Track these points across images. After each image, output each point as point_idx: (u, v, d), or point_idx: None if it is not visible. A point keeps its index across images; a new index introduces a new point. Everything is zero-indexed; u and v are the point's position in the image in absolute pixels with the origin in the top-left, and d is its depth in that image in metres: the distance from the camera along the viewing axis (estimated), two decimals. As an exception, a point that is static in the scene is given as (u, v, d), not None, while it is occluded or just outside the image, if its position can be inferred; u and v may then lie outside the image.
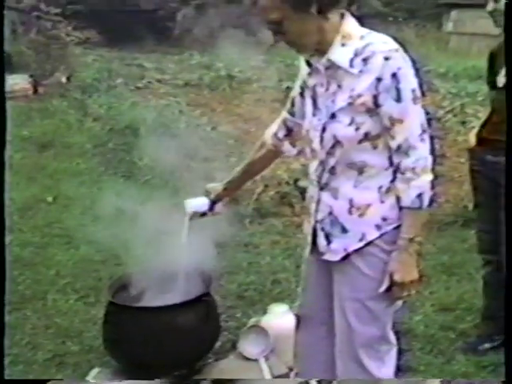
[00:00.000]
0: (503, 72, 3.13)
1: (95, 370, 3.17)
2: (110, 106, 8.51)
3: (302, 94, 2.47)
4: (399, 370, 2.53)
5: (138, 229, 3.83)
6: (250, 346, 3.30)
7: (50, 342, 3.67)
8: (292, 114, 2.56)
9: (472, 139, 3.37)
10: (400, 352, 2.53)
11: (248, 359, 3.26)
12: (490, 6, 3.10)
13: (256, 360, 3.25)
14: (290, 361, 3.09)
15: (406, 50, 2.26)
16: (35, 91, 9.22)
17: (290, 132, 2.59)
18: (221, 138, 6.93)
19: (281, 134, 2.62)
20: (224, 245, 4.84)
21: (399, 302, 2.41)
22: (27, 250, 4.85)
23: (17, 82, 8.85)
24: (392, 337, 2.45)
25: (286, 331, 3.23)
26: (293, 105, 2.54)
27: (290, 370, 3.18)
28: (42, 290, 4.23)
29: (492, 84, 3.29)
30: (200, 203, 2.81)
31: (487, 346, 3.48)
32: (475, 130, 3.40)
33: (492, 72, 3.27)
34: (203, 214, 2.82)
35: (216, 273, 4.07)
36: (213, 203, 2.80)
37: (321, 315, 2.56)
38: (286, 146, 2.61)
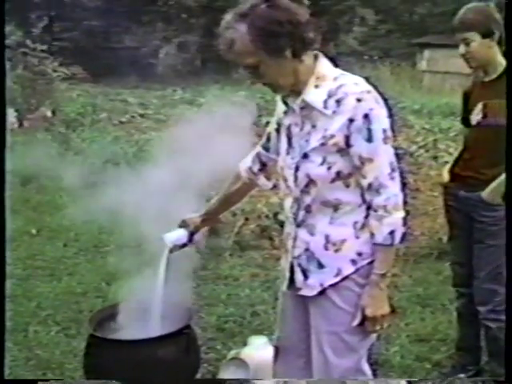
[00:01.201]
0: (476, 111, 3.16)
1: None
2: (92, 139, 8.51)
3: (278, 130, 2.48)
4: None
5: (119, 261, 3.80)
6: (231, 376, 3.25)
7: (30, 373, 3.60)
8: (266, 148, 2.57)
9: (445, 175, 3.39)
10: (375, 383, 2.53)
11: (228, 391, 3.22)
12: (462, 49, 3.13)
13: (237, 391, 3.21)
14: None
15: (378, 91, 2.28)
16: (20, 125, 9.21)
17: (264, 166, 2.60)
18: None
19: (255, 168, 2.62)
20: (204, 277, 4.83)
21: (373, 336, 2.41)
22: (9, 282, 4.78)
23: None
24: (367, 368, 2.45)
25: (265, 363, 3.20)
26: (268, 140, 2.55)
27: (270, 402, 3.15)
28: (23, 322, 4.17)
29: (465, 122, 3.32)
30: (179, 235, 2.80)
31: (461, 376, 3.47)
32: (448, 166, 3.42)
33: (466, 110, 3.30)
34: (183, 246, 2.80)
35: (196, 305, 4.07)
36: (191, 234, 2.79)
37: (298, 347, 2.55)
38: (261, 179, 2.62)
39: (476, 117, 3.18)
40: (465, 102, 3.33)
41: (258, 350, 3.39)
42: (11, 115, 9.02)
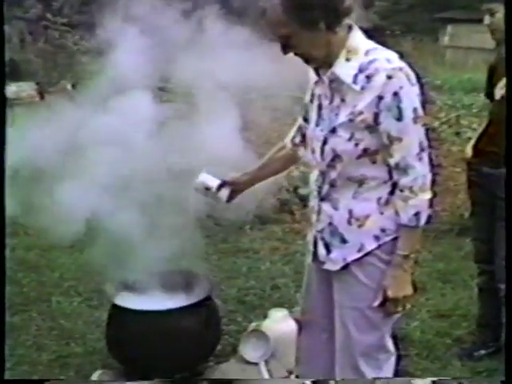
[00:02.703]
0: (501, 84, 3.12)
1: (98, 372, 3.14)
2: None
3: (311, 102, 2.43)
4: (396, 375, 2.51)
5: (141, 232, 3.80)
6: (250, 350, 3.28)
7: (54, 343, 3.65)
8: (305, 120, 2.50)
9: (469, 151, 3.36)
10: (397, 357, 2.52)
11: (248, 363, 3.24)
12: (487, 20, 3.09)
13: (256, 363, 3.23)
14: (290, 364, 3.08)
15: (412, 68, 2.21)
16: (41, 98, 9.22)
17: (304, 138, 2.52)
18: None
19: (297, 140, 2.57)
20: (225, 250, 4.84)
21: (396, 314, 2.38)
22: (32, 253, 4.84)
23: (24, 89, 8.86)
24: (391, 345, 2.41)
25: (285, 336, 3.22)
26: (306, 111, 2.50)
27: (290, 373, 3.16)
28: (46, 293, 4.22)
29: (490, 96, 3.28)
30: (212, 179, 2.73)
31: (482, 352, 3.47)
32: (472, 142, 3.39)
33: (490, 84, 3.26)
34: (207, 189, 2.73)
35: (217, 278, 4.09)
36: (222, 184, 2.72)
37: (322, 322, 2.54)
38: (303, 151, 2.57)
39: (500, 91, 3.14)
40: (490, 76, 3.28)
41: (279, 323, 3.40)
42: (31, 88, 9.03)
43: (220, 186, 2.71)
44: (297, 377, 2.72)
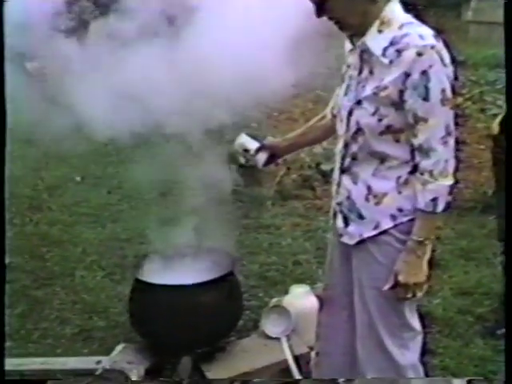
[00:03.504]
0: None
1: (120, 346, 3.15)
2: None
3: (345, 71, 2.36)
4: (423, 355, 2.47)
5: (164, 208, 3.82)
6: (272, 325, 3.27)
7: (77, 317, 3.68)
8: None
9: (495, 127, 3.30)
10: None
11: (270, 338, 3.23)
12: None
13: (277, 339, 3.22)
14: (311, 340, 3.06)
15: (447, 46, 2.14)
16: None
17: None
18: (244, 122, 6.89)
19: (335, 111, 2.51)
20: (246, 226, 4.83)
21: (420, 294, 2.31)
22: (55, 228, 4.86)
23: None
24: (416, 323, 2.36)
25: (307, 311, 3.21)
26: (343, 81, 2.42)
27: (311, 349, 3.15)
28: (69, 267, 4.25)
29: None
30: (251, 141, 2.70)
31: (505, 330, 3.43)
32: (499, 118, 3.33)
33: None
34: (246, 152, 2.70)
35: (238, 253, 4.09)
36: (261, 147, 2.69)
37: (343, 299, 2.50)
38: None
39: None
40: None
41: (300, 299, 3.38)
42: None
43: (258, 150, 2.68)
44: (317, 354, 2.71)
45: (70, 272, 4.18)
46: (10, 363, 3.15)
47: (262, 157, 2.68)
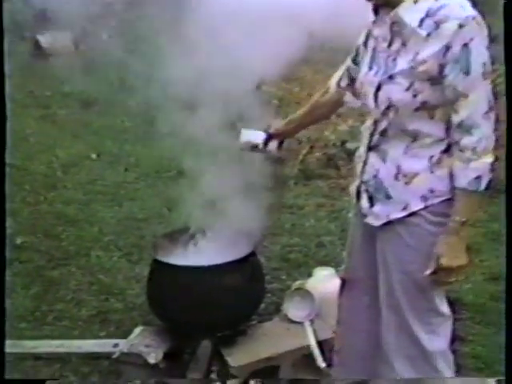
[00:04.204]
0: None
1: (139, 328, 3.14)
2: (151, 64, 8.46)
3: (365, 44, 2.32)
4: (453, 341, 2.43)
5: (182, 186, 3.78)
6: (295, 309, 3.25)
7: (93, 298, 3.69)
8: (355, 62, 2.41)
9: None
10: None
11: (293, 322, 3.22)
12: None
13: (301, 323, 3.20)
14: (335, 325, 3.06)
15: (483, 17, 2.08)
16: (76, 48, 9.20)
17: (352, 81, 2.42)
18: (264, 98, 6.85)
19: (343, 83, 2.49)
20: (269, 206, 4.80)
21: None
22: (71, 207, 4.87)
23: (58, 39, 8.87)
24: (445, 308, 2.31)
25: (331, 295, 3.16)
26: (357, 53, 2.39)
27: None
28: (85, 247, 4.26)
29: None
30: (256, 134, 2.72)
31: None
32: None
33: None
34: (255, 147, 2.73)
35: (260, 234, 4.06)
36: (268, 138, 2.70)
37: (365, 283, 2.46)
38: (349, 96, 2.49)
39: None
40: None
41: (324, 282, 3.37)
42: (66, 38, 8.99)
43: (266, 141, 2.67)
44: (338, 340, 2.69)
45: (86, 252, 4.19)
46: (25, 345, 3.18)
47: (273, 146, 2.70)
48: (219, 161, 3.11)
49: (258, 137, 2.71)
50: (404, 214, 2.21)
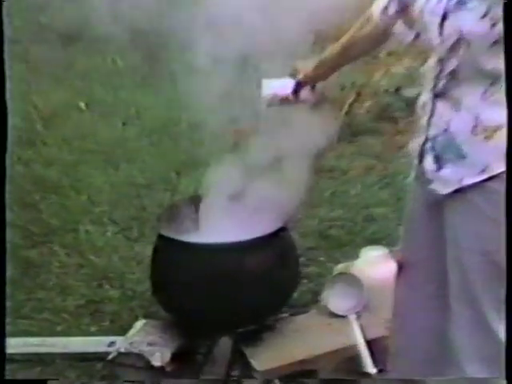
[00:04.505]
0: None
1: (140, 322, 3.18)
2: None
3: None
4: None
5: (194, 144, 3.80)
6: (337, 299, 3.28)
7: (82, 284, 3.74)
8: None
9: None
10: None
11: (334, 315, 3.25)
12: None
13: (345, 317, 3.23)
14: (389, 320, 3.07)
15: None
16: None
17: (404, 8, 2.41)
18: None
19: (391, 10, 2.47)
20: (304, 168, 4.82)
21: None
22: (53, 170, 4.91)
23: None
24: None
25: (384, 282, 3.19)
26: None
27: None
28: (72, 220, 4.30)
29: None
30: (282, 84, 2.73)
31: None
32: None
33: None
34: (285, 100, 2.74)
35: (293, 204, 4.08)
36: (298, 85, 2.71)
37: (429, 267, 2.47)
38: (399, 26, 2.46)
39: None
40: None
41: (374, 265, 3.39)
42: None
43: (295, 90, 2.68)
44: (393, 339, 2.71)
45: (73, 227, 4.24)
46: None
47: (307, 94, 2.71)
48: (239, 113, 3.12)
49: (285, 86, 2.72)
50: (482, 177, 2.21)
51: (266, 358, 3.01)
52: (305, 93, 2.74)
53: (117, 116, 5.75)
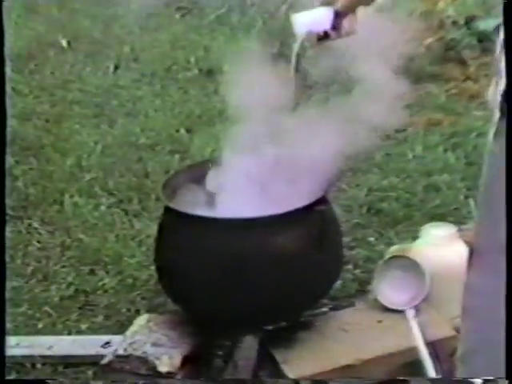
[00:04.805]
0: None
1: (143, 317, 3.20)
2: None
3: None
4: None
5: (209, 94, 3.81)
6: (391, 290, 3.29)
7: (69, 270, 3.78)
8: None
9: None
10: None
11: (387, 310, 3.26)
12: None
13: (400, 312, 3.24)
14: (457, 317, 3.08)
15: None
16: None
17: None
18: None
19: None
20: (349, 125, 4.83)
21: None
22: (29, 126, 4.92)
23: None
24: None
25: (450, 268, 3.21)
26: None
27: (457, 331, 3.15)
28: (55, 190, 4.33)
29: None
30: (319, 16, 2.70)
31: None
32: None
33: None
34: (323, 38, 2.75)
35: (336, 169, 4.08)
36: (338, 16, 2.68)
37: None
38: None
39: None
40: None
41: (438, 247, 3.37)
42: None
43: (335, 24, 2.67)
44: (464, 340, 2.72)
45: (56, 198, 4.25)
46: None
47: (350, 24, 2.69)
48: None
49: (324, 19, 2.70)
50: None
51: (300, 362, 3.02)
52: (348, 23, 2.70)
53: (108, 56, 5.73)
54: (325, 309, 3.33)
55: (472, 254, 2.62)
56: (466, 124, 4.76)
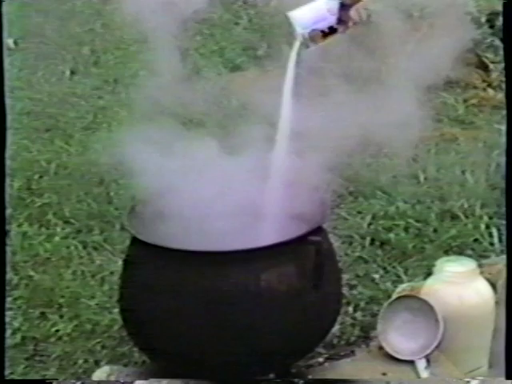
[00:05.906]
0: None
1: (103, 370, 3.21)
2: None
3: None
4: None
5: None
6: (398, 336, 3.31)
7: (16, 313, 3.80)
8: None
9: None
10: None
11: (393, 360, 3.28)
12: None
13: (409, 362, 3.26)
14: (477, 369, 3.10)
15: None
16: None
17: None
18: None
19: None
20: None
21: None
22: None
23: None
24: None
25: (470, 310, 3.23)
26: None
27: (479, 386, 3.17)
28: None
29: None
30: (322, 12, 2.77)
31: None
32: None
33: None
34: (330, 33, 2.81)
35: (334, 194, 4.09)
36: (343, 8, 2.76)
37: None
38: None
39: None
40: None
41: (457, 286, 3.40)
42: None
43: (340, 19, 2.70)
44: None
45: (1, 227, 4.27)
46: None
47: (357, 13, 2.76)
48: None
49: (327, 14, 2.73)
50: None
51: (292, 423, 3.07)
52: (355, 13, 2.78)
53: (63, 60, 5.76)
54: (320, 359, 3.36)
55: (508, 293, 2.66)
56: (486, 140, 4.78)
